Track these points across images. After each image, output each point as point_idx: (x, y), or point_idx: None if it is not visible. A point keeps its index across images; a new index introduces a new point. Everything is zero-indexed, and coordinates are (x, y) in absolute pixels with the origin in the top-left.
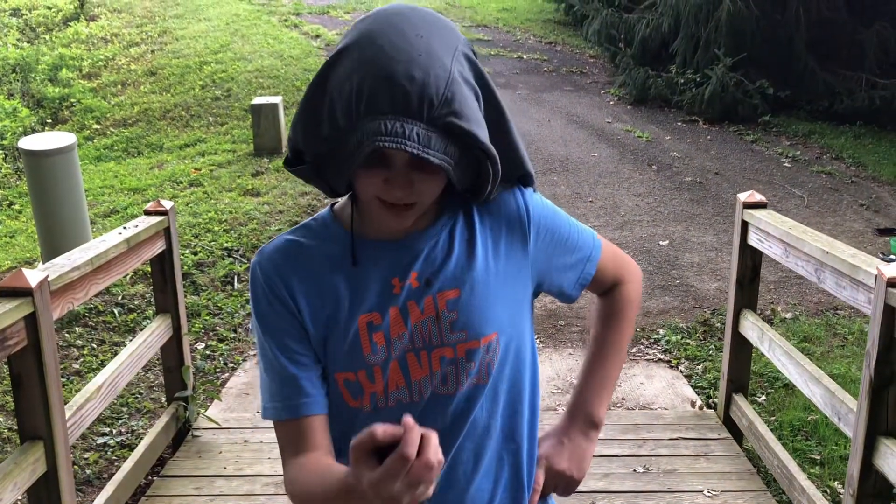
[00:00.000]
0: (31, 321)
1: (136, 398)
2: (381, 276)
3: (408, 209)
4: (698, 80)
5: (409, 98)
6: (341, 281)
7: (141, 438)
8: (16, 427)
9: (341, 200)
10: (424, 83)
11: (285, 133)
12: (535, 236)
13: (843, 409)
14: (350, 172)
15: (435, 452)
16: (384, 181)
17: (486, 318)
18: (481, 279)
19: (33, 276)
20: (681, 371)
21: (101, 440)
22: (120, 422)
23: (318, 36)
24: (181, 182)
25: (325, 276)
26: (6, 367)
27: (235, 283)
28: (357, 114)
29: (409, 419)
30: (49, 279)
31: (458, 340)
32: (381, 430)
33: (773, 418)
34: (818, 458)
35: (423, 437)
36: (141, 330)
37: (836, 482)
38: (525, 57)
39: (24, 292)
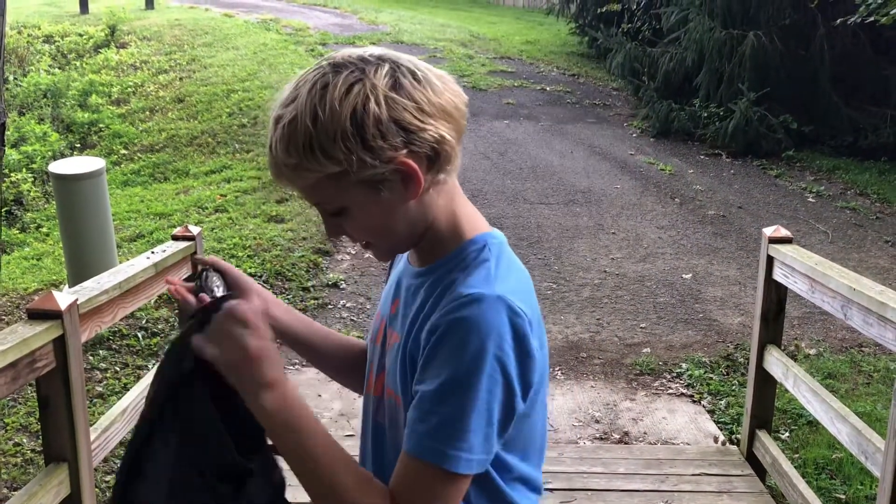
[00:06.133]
0: (60, 344)
1: None
2: (392, 288)
3: (367, 247)
4: (722, 113)
5: None
6: (391, 274)
7: None
8: (40, 448)
9: None
10: None
11: None
12: (430, 338)
13: (871, 447)
14: None
15: None
16: None
17: (398, 378)
18: (406, 340)
19: (63, 299)
20: (703, 406)
21: None
22: None
23: None
24: (206, 208)
25: (395, 265)
26: (31, 388)
27: None
28: None
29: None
30: (78, 302)
31: (388, 382)
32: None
33: (796, 455)
34: (843, 497)
35: None
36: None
37: None
38: (548, 89)
39: (53, 315)
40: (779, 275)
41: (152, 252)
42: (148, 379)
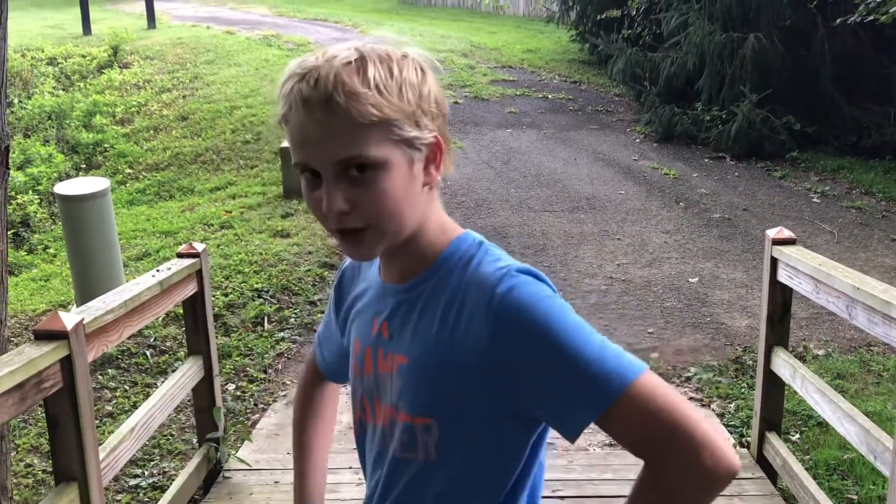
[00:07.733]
0: (67, 364)
1: (168, 439)
2: (371, 313)
3: (360, 234)
4: (724, 116)
5: None
6: (361, 300)
7: (172, 480)
8: (50, 469)
9: None
10: None
11: None
12: (498, 341)
13: (880, 447)
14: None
15: None
16: (319, 202)
17: (422, 398)
18: (428, 356)
19: (69, 319)
20: (713, 409)
21: (133, 482)
22: (152, 463)
23: None
24: (212, 224)
25: (361, 290)
26: (40, 409)
27: (266, 324)
28: None
29: None
30: (84, 322)
31: (401, 406)
32: None
33: (807, 457)
34: (855, 497)
35: None
36: (172, 371)
37: None
38: (550, 97)
39: (59, 335)
40: (783, 276)
41: (157, 270)
42: (157, 397)
